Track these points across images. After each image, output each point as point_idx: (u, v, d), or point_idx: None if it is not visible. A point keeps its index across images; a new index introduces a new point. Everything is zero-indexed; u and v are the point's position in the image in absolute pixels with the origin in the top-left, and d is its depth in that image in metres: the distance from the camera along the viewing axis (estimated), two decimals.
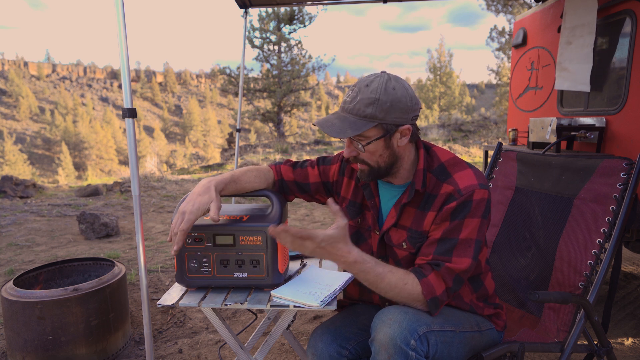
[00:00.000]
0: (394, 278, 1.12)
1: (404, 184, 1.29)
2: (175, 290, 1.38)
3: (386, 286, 1.13)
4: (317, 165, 1.47)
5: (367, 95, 1.14)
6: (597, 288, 1.44)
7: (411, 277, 1.14)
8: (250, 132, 49.40)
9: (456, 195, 1.17)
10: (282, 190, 1.48)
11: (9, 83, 71.72)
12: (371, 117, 1.14)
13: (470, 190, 1.16)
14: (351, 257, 1.10)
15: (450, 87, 33.70)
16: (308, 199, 1.51)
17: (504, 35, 19.79)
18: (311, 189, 1.47)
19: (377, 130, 1.16)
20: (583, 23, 2.91)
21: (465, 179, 1.19)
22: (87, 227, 4.46)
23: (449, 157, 1.27)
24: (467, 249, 1.16)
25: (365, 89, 1.15)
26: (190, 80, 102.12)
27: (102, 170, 48.96)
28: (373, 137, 1.17)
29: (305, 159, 1.51)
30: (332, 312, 2.45)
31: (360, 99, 1.15)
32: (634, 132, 2.55)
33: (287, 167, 1.48)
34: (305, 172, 1.47)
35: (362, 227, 1.38)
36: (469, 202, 1.16)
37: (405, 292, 1.12)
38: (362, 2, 4.17)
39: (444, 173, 1.23)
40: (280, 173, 1.47)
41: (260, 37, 18.74)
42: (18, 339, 1.98)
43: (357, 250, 1.12)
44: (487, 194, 1.19)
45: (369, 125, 1.14)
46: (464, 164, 1.24)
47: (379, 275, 1.12)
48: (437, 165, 1.25)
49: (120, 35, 1.59)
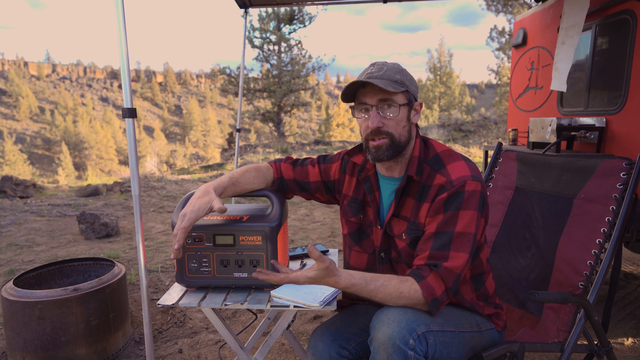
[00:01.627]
0: (388, 290, 1.14)
1: (402, 176, 1.30)
2: (175, 290, 1.39)
3: (382, 299, 1.15)
4: (318, 164, 1.48)
5: (391, 67, 1.24)
6: (597, 288, 1.45)
7: (407, 284, 1.14)
8: (250, 132, 49.39)
9: (448, 187, 1.18)
10: (281, 189, 1.48)
11: (9, 83, 71.72)
12: (401, 83, 1.22)
13: (462, 181, 1.17)
14: (340, 285, 1.13)
15: (450, 87, 33.70)
16: (307, 196, 1.52)
17: (504, 35, 19.78)
18: (311, 187, 1.48)
19: (403, 97, 1.23)
20: (574, 24, 2.92)
21: (458, 170, 1.21)
22: (87, 227, 4.46)
23: (444, 149, 1.29)
24: (465, 243, 1.16)
25: (386, 64, 1.24)
26: (190, 80, 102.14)
27: (102, 170, 48.95)
28: (401, 102, 1.22)
29: (306, 157, 1.51)
30: (332, 312, 2.45)
31: (387, 68, 1.22)
32: (634, 132, 2.55)
33: (287, 165, 1.48)
34: (306, 170, 1.47)
35: (364, 223, 1.39)
36: (461, 193, 1.17)
37: (402, 300, 1.14)
38: (362, 2, 4.17)
39: (438, 163, 1.25)
40: (280, 171, 1.47)
41: (260, 37, 18.74)
42: (18, 339, 1.98)
43: (344, 277, 1.13)
44: (480, 186, 1.19)
45: (400, 89, 1.21)
46: (458, 156, 1.26)
47: (372, 292, 1.14)
48: (432, 156, 1.28)
49: (120, 35, 1.59)
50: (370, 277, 1.15)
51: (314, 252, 1.07)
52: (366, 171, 1.36)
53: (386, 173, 1.33)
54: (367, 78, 1.21)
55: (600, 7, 2.85)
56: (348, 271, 1.15)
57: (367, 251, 1.39)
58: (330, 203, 1.53)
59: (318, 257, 1.08)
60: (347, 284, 1.13)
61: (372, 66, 1.25)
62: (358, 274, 1.15)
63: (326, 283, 1.13)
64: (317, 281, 1.12)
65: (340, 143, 17.96)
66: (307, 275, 1.11)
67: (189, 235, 1.30)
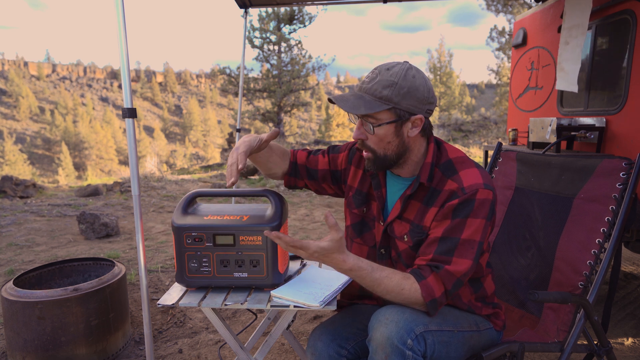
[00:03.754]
0: (391, 283, 1.13)
1: (412, 177, 1.29)
2: (175, 290, 1.39)
3: (383, 290, 1.13)
4: (328, 154, 1.49)
5: (386, 78, 1.15)
6: (597, 288, 1.45)
7: (409, 281, 1.14)
8: (250, 132, 49.35)
9: (459, 193, 1.17)
10: (294, 174, 1.49)
11: (9, 83, 71.71)
12: (386, 100, 1.15)
13: (474, 189, 1.16)
14: (347, 265, 1.11)
15: (450, 87, 33.69)
16: (315, 187, 1.51)
17: (504, 35, 19.78)
18: (319, 175, 1.47)
19: (389, 114, 1.17)
20: (578, 23, 2.92)
21: (471, 177, 1.19)
22: (87, 227, 4.46)
23: (458, 155, 1.27)
24: (469, 250, 1.15)
25: (386, 72, 1.16)
26: (190, 80, 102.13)
27: (102, 170, 48.95)
28: (384, 121, 1.17)
29: (319, 148, 1.54)
30: (332, 312, 2.45)
31: (378, 80, 1.16)
32: (634, 132, 2.55)
33: (303, 152, 1.51)
34: (316, 159, 1.49)
35: (367, 217, 1.38)
36: (472, 201, 1.16)
37: (402, 296, 1.13)
38: (362, 2, 4.17)
39: (450, 169, 1.23)
40: (295, 156, 1.49)
41: (260, 37, 18.73)
42: (18, 339, 1.98)
43: (352, 258, 1.12)
44: (492, 195, 1.18)
45: (383, 107, 1.15)
46: (471, 163, 1.24)
47: (376, 280, 1.13)
48: (444, 161, 1.25)
49: (120, 35, 1.59)
50: (376, 266, 1.15)
51: (330, 219, 1.06)
52: None
53: (394, 171, 1.32)
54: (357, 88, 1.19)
55: (600, 7, 2.85)
56: (356, 255, 1.14)
57: (368, 244, 1.39)
58: (337, 196, 1.52)
59: (333, 224, 1.06)
60: (354, 265, 1.11)
61: (372, 71, 1.20)
62: (365, 260, 1.15)
63: (334, 260, 1.10)
64: (327, 254, 1.09)
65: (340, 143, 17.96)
66: (319, 244, 1.08)
67: (188, 235, 1.30)
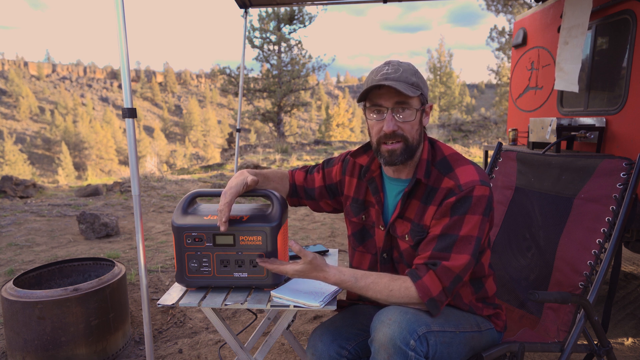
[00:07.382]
0: (378, 288, 1.16)
1: (409, 178, 1.30)
2: (175, 290, 1.39)
3: (372, 296, 1.17)
4: (322, 169, 1.50)
5: (405, 68, 1.19)
6: (597, 288, 1.45)
7: (398, 282, 1.15)
8: (250, 132, 49.38)
9: (456, 190, 1.18)
10: (295, 195, 1.52)
11: (9, 83, 71.71)
12: (417, 86, 1.18)
13: (471, 186, 1.17)
14: (330, 281, 1.17)
15: (450, 87, 33.71)
16: (314, 206, 1.53)
17: (504, 35, 19.79)
18: (315, 194, 1.49)
19: (418, 101, 1.21)
20: (578, 23, 2.92)
21: (467, 174, 1.20)
22: (87, 227, 4.46)
23: (451, 152, 1.28)
24: (467, 246, 1.16)
25: (400, 64, 1.20)
26: (190, 80, 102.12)
27: (102, 170, 48.94)
28: (415, 107, 1.20)
29: (316, 164, 1.55)
30: (332, 312, 2.45)
31: (404, 69, 1.18)
32: (634, 132, 2.55)
33: (300, 173, 1.53)
34: (313, 177, 1.50)
35: (367, 224, 1.39)
36: (469, 198, 1.16)
37: (394, 297, 1.15)
38: (362, 2, 4.17)
39: (446, 166, 1.24)
40: (293, 177, 1.52)
41: (260, 37, 18.74)
42: (18, 339, 1.98)
43: (334, 273, 1.17)
44: (488, 191, 1.19)
45: (417, 92, 1.18)
46: (466, 160, 1.25)
47: (362, 289, 1.17)
48: (440, 159, 1.27)
49: (120, 35, 1.59)
50: (360, 275, 1.17)
51: (294, 247, 1.12)
52: (371, 172, 1.35)
53: (393, 175, 1.33)
54: (382, 79, 1.16)
55: (600, 7, 2.85)
56: (339, 267, 1.17)
57: (370, 252, 1.39)
58: (336, 211, 1.53)
59: (298, 250, 1.13)
60: (336, 280, 1.16)
61: (387, 65, 1.20)
62: (349, 271, 1.18)
63: (315, 277, 1.16)
64: (306, 274, 1.16)
65: (340, 143, 17.97)
66: (295, 268, 1.16)
67: (188, 235, 1.31)
